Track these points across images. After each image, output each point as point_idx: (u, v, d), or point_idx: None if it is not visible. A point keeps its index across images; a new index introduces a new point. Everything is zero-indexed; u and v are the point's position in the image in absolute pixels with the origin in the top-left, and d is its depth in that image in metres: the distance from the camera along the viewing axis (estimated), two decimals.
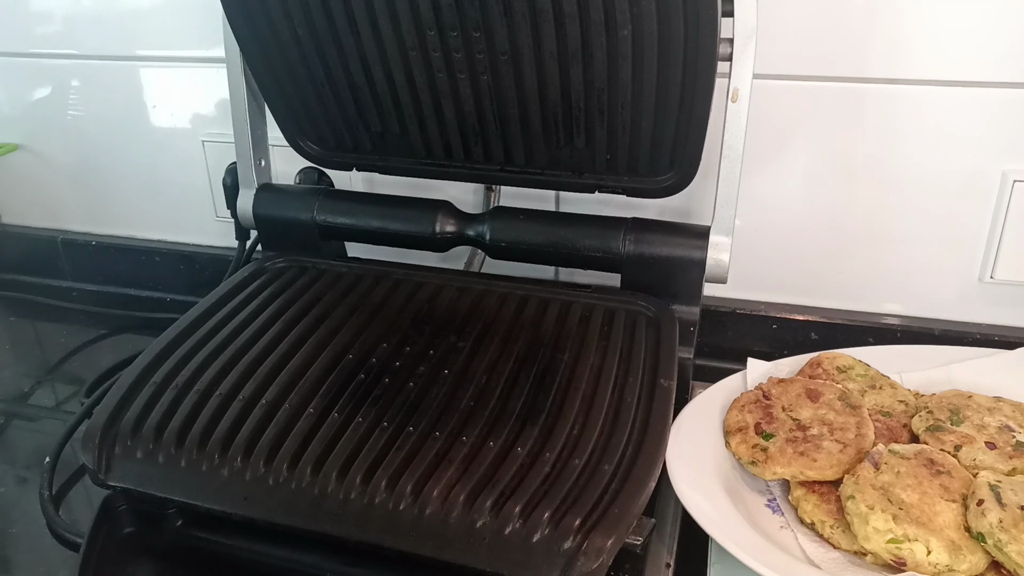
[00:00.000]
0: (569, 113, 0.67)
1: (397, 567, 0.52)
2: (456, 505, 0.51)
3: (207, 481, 0.54)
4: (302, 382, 0.61)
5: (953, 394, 0.61)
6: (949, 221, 0.74)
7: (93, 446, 0.56)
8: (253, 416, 0.58)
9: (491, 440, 0.55)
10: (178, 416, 0.58)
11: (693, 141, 0.65)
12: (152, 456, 0.56)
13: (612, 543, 0.48)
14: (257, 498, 0.53)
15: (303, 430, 0.56)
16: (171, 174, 0.96)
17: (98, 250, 1.01)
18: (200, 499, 0.53)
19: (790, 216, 0.78)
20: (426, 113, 0.70)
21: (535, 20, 0.60)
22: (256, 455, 0.55)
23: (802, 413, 0.60)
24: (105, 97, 0.94)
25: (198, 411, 0.58)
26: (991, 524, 0.48)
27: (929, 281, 0.77)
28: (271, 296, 0.71)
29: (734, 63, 0.63)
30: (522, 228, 0.72)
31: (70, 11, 0.90)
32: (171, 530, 0.57)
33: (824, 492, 0.55)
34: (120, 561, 0.53)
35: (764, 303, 0.82)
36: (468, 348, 0.64)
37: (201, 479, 0.54)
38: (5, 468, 0.70)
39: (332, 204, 0.77)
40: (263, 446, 0.55)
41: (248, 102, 0.76)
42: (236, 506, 0.53)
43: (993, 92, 0.69)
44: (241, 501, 0.53)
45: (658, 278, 0.69)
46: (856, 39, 0.70)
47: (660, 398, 0.59)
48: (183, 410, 0.58)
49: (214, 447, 0.55)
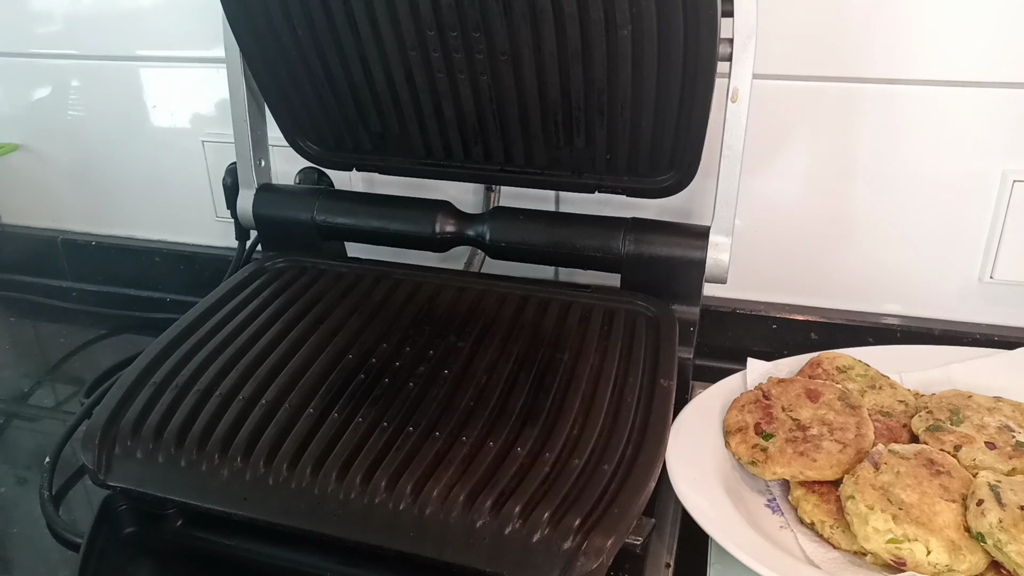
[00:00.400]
0: (569, 113, 0.67)
1: (397, 567, 0.52)
2: (456, 505, 0.51)
3: (207, 481, 0.54)
4: (302, 382, 0.61)
5: (953, 394, 0.61)
6: (949, 221, 0.74)
7: (93, 446, 0.56)
8: (253, 416, 0.58)
9: (491, 440, 0.55)
10: (178, 416, 0.58)
11: (693, 141, 0.65)
12: (152, 456, 0.56)
13: (612, 543, 0.48)
14: (257, 498, 0.53)
15: (303, 430, 0.56)
16: (171, 174, 0.96)
17: (98, 250, 1.01)
18: (200, 499, 0.53)
19: (790, 216, 0.78)
20: (426, 113, 0.70)
21: (535, 20, 0.60)
22: (256, 455, 0.55)
23: (802, 413, 0.60)
24: (105, 97, 0.94)
25: (198, 411, 0.58)
26: (991, 524, 0.48)
27: (929, 281, 0.77)
28: (271, 296, 0.71)
29: (734, 63, 0.63)
30: (522, 228, 0.72)
31: (70, 11, 0.90)
32: (171, 530, 0.57)
33: (824, 492, 0.55)
34: (120, 561, 0.53)
35: (764, 303, 0.82)
36: (468, 348, 0.64)
37: (201, 479, 0.54)
38: (5, 468, 0.70)
39: (332, 204, 0.77)
40: (263, 446, 0.55)
41: (248, 102, 0.76)
42: (236, 506, 0.53)
43: (993, 92, 0.69)
44: (241, 501, 0.53)
45: (658, 278, 0.69)
46: (856, 39, 0.70)
47: (660, 398, 0.59)
48: (183, 410, 0.58)
49: (214, 447, 0.55)
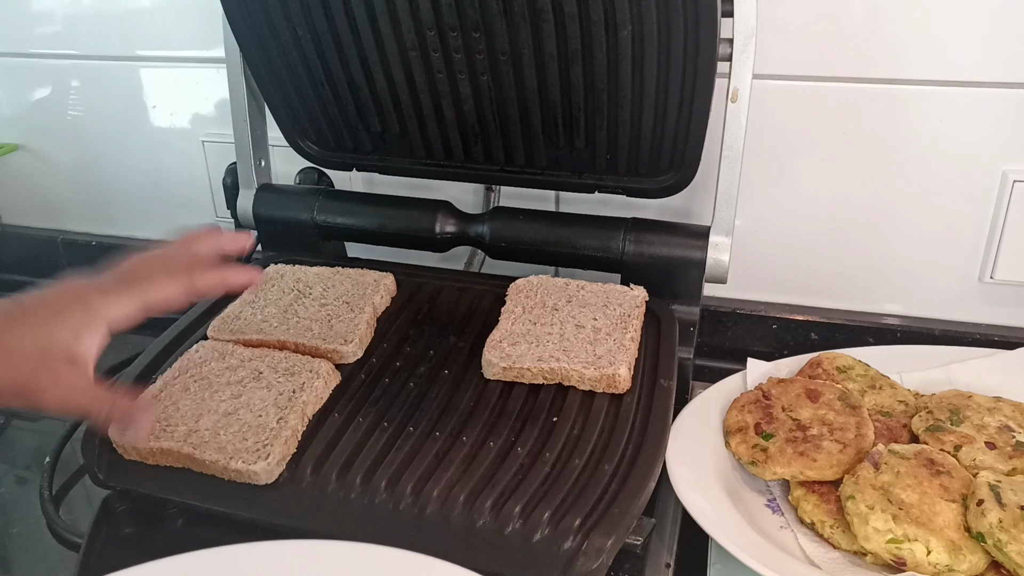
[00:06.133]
0: (569, 113, 0.67)
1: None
2: (456, 505, 0.51)
3: (207, 481, 0.54)
4: None
5: (953, 394, 0.61)
6: (949, 221, 0.74)
7: (93, 446, 0.56)
8: None
9: (491, 440, 0.55)
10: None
11: (693, 141, 0.65)
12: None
13: (612, 543, 0.48)
14: (257, 498, 0.53)
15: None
16: (171, 174, 0.96)
17: (98, 250, 1.01)
18: (200, 500, 0.53)
19: (790, 216, 0.78)
20: (426, 113, 0.70)
21: (535, 20, 0.60)
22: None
23: (802, 413, 0.60)
24: (105, 97, 0.94)
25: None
26: (991, 524, 0.48)
27: (929, 281, 0.77)
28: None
29: (734, 63, 0.63)
30: (522, 228, 0.72)
31: (70, 11, 0.90)
32: (171, 530, 0.57)
33: (824, 492, 0.55)
34: (120, 561, 0.53)
35: (764, 303, 0.82)
36: (468, 348, 0.64)
37: (201, 479, 0.54)
38: (5, 468, 0.70)
39: (332, 204, 0.77)
40: None
41: (248, 102, 0.76)
42: (236, 506, 0.53)
43: (993, 92, 0.69)
44: (241, 501, 0.53)
45: (658, 278, 0.69)
46: (856, 40, 0.70)
47: (660, 398, 0.59)
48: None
49: None
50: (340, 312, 0.67)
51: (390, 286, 0.71)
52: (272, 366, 0.60)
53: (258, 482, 0.52)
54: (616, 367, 0.58)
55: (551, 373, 0.59)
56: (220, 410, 0.56)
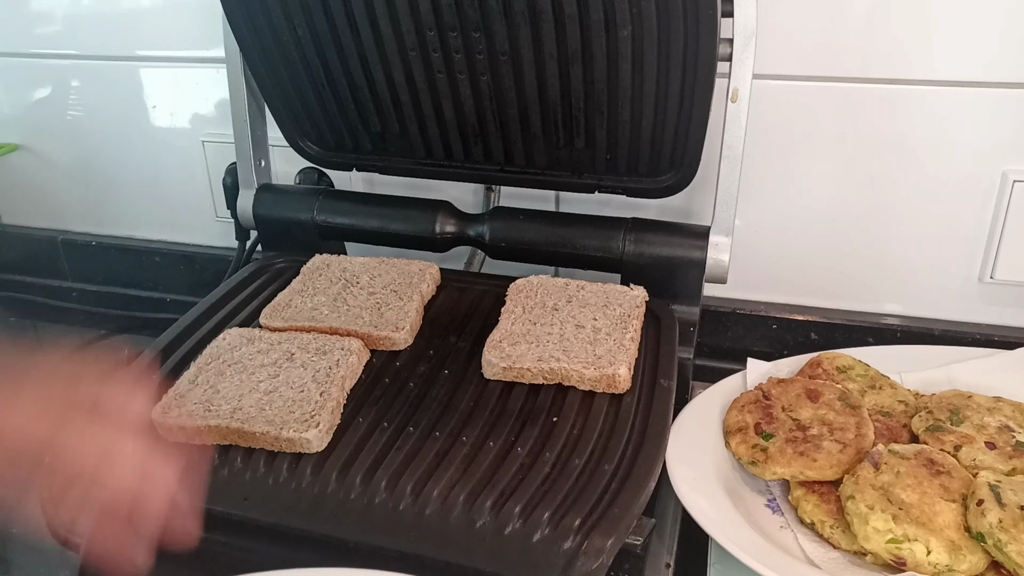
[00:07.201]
0: (569, 113, 0.67)
1: (397, 567, 0.52)
2: (456, 505, 0.51)
3: (208, 481, 0.54)
4: None
5: (953, 394, 0.61)
6: (949, 221, 0.74)
7: None
8: None
9: (491, 440, 0.55)
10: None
11: (693, 141, 0.65)
12: None
13: (612, 543, 0.48)
14: (257, 498, 0.53)
15: None
16: (171, 174, 0.96)
17: (98, 250, 1.01)
18: (200, 499, 0.53)
19: (790, 216, 0.78)
20: (426, 113, 0.70)
21: (535, 20, 0.60)
22: (257, 455, 0.55)
23: (802, 413, 0.60)
24: (105, 97, 0.94)
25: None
26: (991, 524, 0.48)
27: (929, 281, 0.77)
28: (271, 296, 0.71)
29: (734, 63, 0.63)
30: (522, 228, 0.72)
31: (70, 11, 0.90)
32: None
33: (824, 492, 0.55)
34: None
35: (764, 303, 0.82)
36: (468, 348, 0.64)
37: (201, 479, 0.54)
38: (5, 468, 0.70)
39: (332, 204, 0.77)
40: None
41: (248, 102, 0.76)
42: (236, 506, 0.53)
43: (993, 92, 0.69)
44: (241, 501, 0.53)
45: (658, 278, 0.69)
46: (856, 40, 0.70)
47: (660, 398, 0.59)
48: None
49: (215, 447, 0.55)
50: (389, 300, 0.68)
51: (435, 275, 0.72)
52: (302, 347, 0.62)
53: (310, 450, 0.54)
54: (616, 367, 0.58)
55: (551, 373, 0.59)
56: (261, 388, 0.58)
